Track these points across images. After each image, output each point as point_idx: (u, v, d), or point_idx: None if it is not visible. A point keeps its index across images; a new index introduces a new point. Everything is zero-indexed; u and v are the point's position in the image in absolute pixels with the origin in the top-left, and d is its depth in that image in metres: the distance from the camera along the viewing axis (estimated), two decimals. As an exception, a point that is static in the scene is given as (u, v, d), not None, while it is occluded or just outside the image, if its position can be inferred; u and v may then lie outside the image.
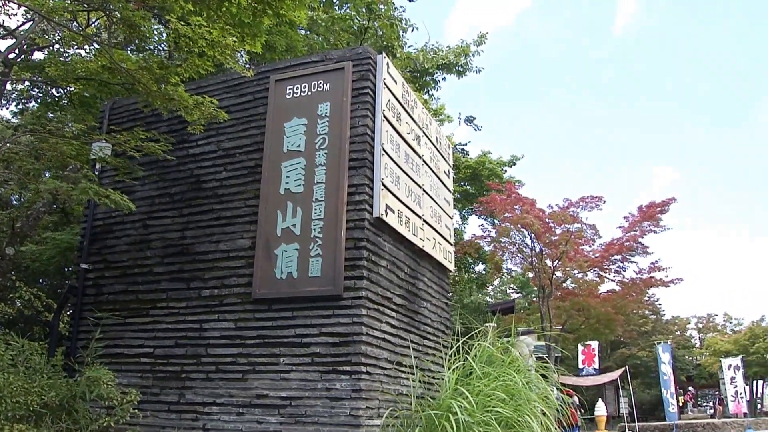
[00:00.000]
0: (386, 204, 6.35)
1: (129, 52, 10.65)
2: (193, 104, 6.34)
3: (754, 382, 55.38)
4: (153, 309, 6.85)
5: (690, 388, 43.88)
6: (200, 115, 6.38)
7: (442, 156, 8.61)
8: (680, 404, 47.54)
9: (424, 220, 7.43)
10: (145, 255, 7.14)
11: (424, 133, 7.84)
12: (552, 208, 19.64)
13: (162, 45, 12.36)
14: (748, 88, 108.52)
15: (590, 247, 20.87)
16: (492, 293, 44.57)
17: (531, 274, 22.70)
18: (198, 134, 6.92)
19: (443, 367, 6.72)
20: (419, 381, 6.52)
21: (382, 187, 6.29)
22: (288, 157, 6.52)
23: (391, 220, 6.44)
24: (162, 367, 6.57)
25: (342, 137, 6.33)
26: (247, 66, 10.03)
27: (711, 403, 53.13)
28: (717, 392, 46.68)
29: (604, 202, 19.33)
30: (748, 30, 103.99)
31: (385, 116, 6.58)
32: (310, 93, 6.69)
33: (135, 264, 7.17)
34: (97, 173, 7.59)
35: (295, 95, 6.74)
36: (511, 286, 44.96)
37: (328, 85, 6.62)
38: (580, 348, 33.65)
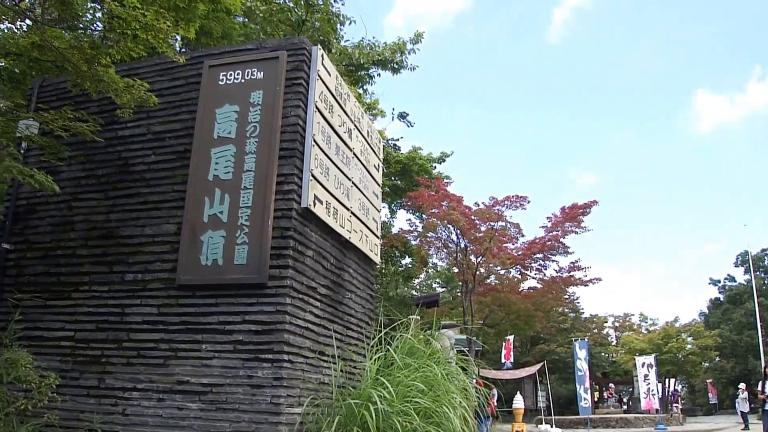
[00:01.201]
0: (315, 195, 6.42)
1: (62, 30, 10.39)
2: (124, 87, 6.23)
3: (666, 379, 57.53)
4: (75, 292, 6.73)
5: (611, 385, 45.25)
6: (130, 99, 6.28)
7: (373, 150, 8.71)
8: (596, 399, 49.11)
9: (352, 212, 7.52)
10: (69, 237, 7.00)
11: (355, 126, 7.92)
12: (478, 205, 20.03)
13: (96, 25, 12.08)
14: (671, 96, 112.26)
15: (513, 245, 21.39)
16: (418, 287, 45.10)
17: (456, 270, 23.08)
18: (128, 116, 6.82)
19: (366, 357, 6.85)
20: (341, 371, 6.61)
21: (311, 177, 6.35)
22: (218, 144, 6.50)
23: (319, 210, 6.51)
24: (82, 351, 6.47)
25: (273, 126, 6.35)
26: (182, 51, 9.91)
27: (625, 399, 54.96)
28: (631, 389, 48.32)
29: (529, 201, 19.84)
30: (673, 40, 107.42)
31: (317, 108, 6.63)
32: (243, 80, 6.68)
33: (58, 246, 7.02)
34: (22, 152, 7.38)
35: (228, 82, 6.72)
36: (437, 280, 45.60)
37: (262, 73, 6.62)
38: (504, 343, 34.38)
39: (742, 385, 28.70)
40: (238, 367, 5.81)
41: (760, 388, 15.89)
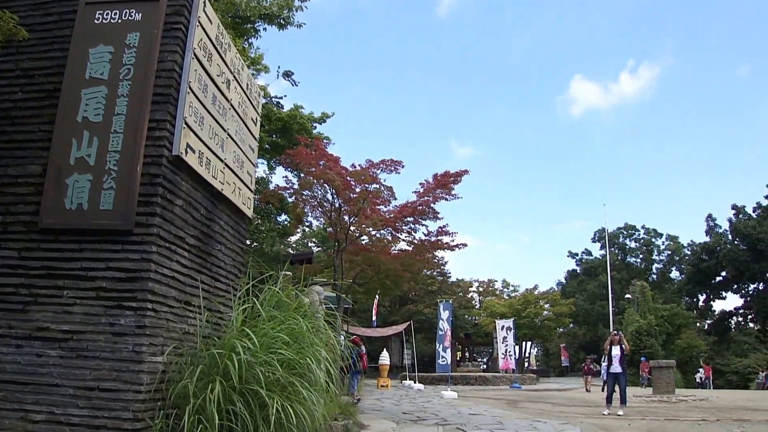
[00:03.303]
0: (187, 143, 6.32)
1: None
2: (-10, 18, 5.90)
3: (523, 342, 60.54)
4: (-73, 232, 6.36)
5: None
6: (-3, 31, 5.95)
7: (252, 103, 8.62)
8: (458, 359, 51.08)
9: (226, 164, 7.46)
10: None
11: (235, 77, 7.82)
12: (355, 167, 20.19)
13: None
14: (550, 79, 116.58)
15: (386, 207, 21.78)
16: (295, 245, 45.30)
17: (330, 229, 23.29)
18: (-6, 50, 6.44)
19: (233, 309, 6.88)
20: (207, 321, 6.62)
21: (184, 125, 6.24)
22: (89, 85, 6.25)
23: (191, 159, 6.43)
24: (-66, 294, 6.15)
25: (148, 70, 6.17)
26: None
27: (485, 359, 57.43)
28: (491, 350, 50.63)
29: (403, 166, 20.19)
30: (558, 26, 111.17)
31: (195, 55, 6.50)
32: (120, 21, 6.42)
33: None
34: None
35: (104, 21, 6.44)
36: (313, 240, 45.92)
37: (141, 15, 6.39)
38: (375, 302, 35.10)
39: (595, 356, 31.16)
40: (101, 315, 5.70)
41: (607, 347, 17.08)
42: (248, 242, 21.25)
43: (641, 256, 76.92)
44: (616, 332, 19.10)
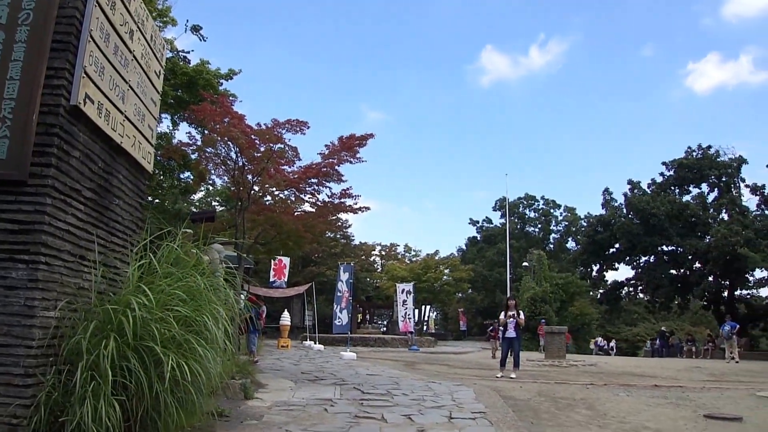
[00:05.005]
0: (86, 93, 6.12)
1: None
2: None
3: (423, 306, 61.80)
4: None
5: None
6: None
7: (155, 56, 8.38)
8: (359, 320, 51.72)
9: (126, 117, 7.25)
10: None
11: (138, 28, 7.58)
12: (261, 126, 19.95)
13: None
14: (462, 47, 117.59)
15: (291, 167, 21.62)
16: (198, 203, 44.64)
17: (233, 188, 23.04)
18: None
19: (129, 265, 6.77)
20: (103, 276, 6.49)
21: (84, 75, 6.04)
22: (-18, 27, 5.96)
23: (90, 110, 6.23)
24: None
25: (48, 16, 5.91)
26: None
27: (385, 322, 58.35)
28: (391, 312, 51.48)
29: (309, 127, 20.05)
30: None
31: (98, 2, 6.25)
32: (17, -38, 6.13)
33: None
34: None
35: (-1, -40, 6.13)
36: (217, 198, 45.32)
37: (38, -43, 6.11)
38: (272, 262, 35.05)
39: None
40: (-9, 267, 5.52)
41: (502, 317, 17.66)
42: (149, 198, 20.82)
43: (539, 225, 79.51)
44: (510, 297, 19.74)
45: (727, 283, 48.43)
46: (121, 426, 5.40)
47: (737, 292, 49.16)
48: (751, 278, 47.38)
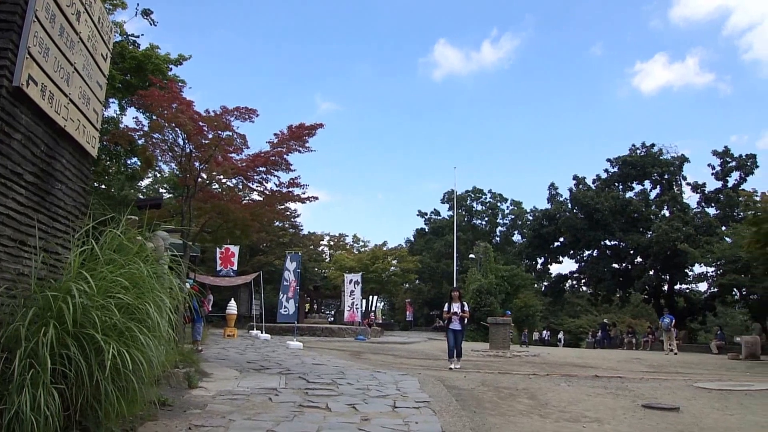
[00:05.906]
0: (30, 74, 5.97)
1: None
2: None
3: (370, 296, 62.00)
4: None
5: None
6: None
7: (102, 38, 8.21)
8: (306, 310, 51.67)
9: (71, 100, 7.10)
10: None
11: (86, 10, 7.41)
12: (209, 113, 19.73)
13: None
14: (415, 40, 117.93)
15: (239, 155, 21.43)
16: (145, 190, 43.97)
17: (180, 175, 22.77)
18: None
19: (71, 251, 6.63)
20: (43, 263, 6.36)
21: (27, 55, 5.88)
22: None
23: (33, 92, 6.08)
24: None
25: (-12, -7, 5.77)
26: None
27: (333, 312, 58.42)
28: (338, 302, 51.55)
29: (258, 115, 19.88)
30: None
31: (42, -19, 6.12)
32: (-45, -66, 5.94)
33: None
34: None
35: (-65, -67, 5.93)
36: (165, 185, 44.72)
37: (-21, -69, 5.93)
38: (218, 250, 34.75)
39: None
40: (-75, 251, 5.37)
41: (446, 308, 17.81)
42: (94, 183, 20.43)
43: (486, 218, 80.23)
44: (455, 288, 19.87)
45: (667, 277, 49.80)
46: (60, 415, 5.30)
47: (677, 287, 50.62)
48: (690, 273, 48.79)
